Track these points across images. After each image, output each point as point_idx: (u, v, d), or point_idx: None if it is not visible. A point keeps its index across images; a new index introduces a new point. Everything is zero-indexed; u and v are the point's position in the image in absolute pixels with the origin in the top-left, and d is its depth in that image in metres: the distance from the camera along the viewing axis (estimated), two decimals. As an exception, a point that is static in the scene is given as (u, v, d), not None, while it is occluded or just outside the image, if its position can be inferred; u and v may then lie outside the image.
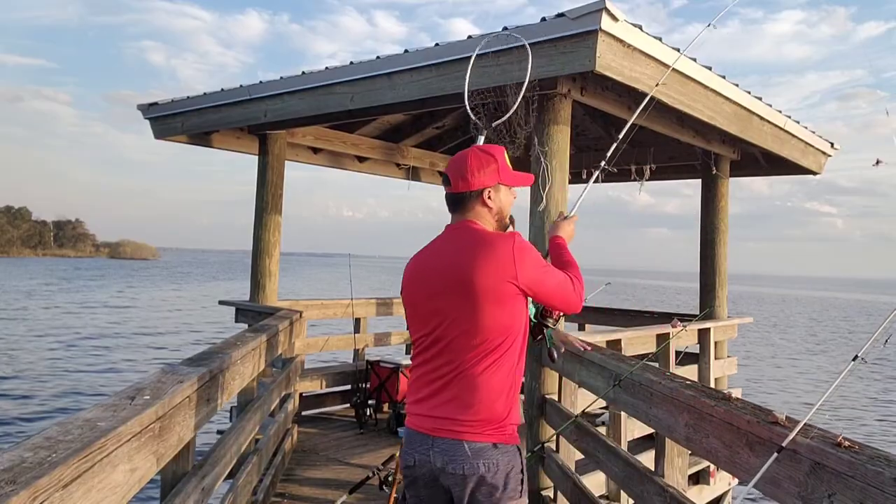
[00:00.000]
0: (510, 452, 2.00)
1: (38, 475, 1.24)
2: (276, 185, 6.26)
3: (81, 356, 17.51)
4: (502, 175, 2.12)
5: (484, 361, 1.97)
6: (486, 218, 2.12)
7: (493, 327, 1.96)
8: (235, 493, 3.35)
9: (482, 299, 1.95)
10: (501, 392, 1.98)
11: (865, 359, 1.78)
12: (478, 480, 1.95)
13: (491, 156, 2.13)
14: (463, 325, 1.97)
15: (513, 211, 2.25)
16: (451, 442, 1.96)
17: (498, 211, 2.13)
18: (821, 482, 1.63)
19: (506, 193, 2.15)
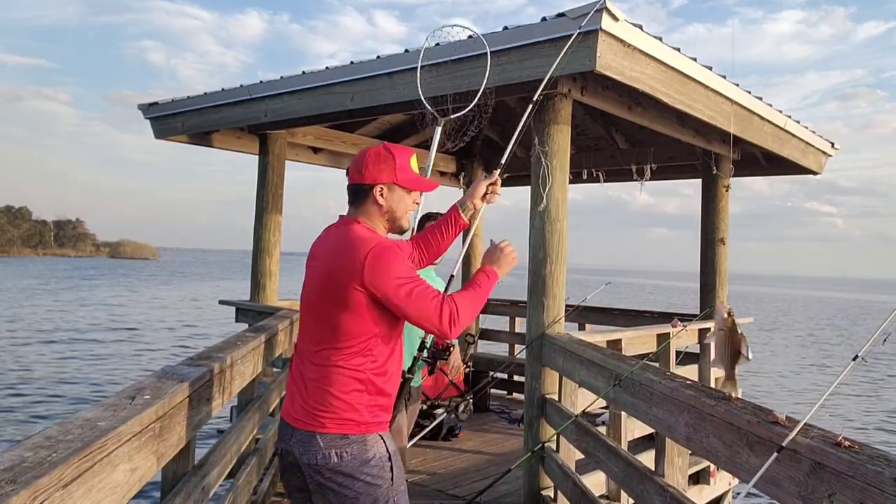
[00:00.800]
0: (367, 442, 2.03)
1: (39, 475, 1.24)
2: (277, 185, 6.26)
3: (81, 356, 17.51)
4: (399, 175, 2.11)
5: (334, 357, 2.03)
6: (376, 217, 2.14)
7: (341, 329, 2.03)
8: (236, 492, 3.35)
9: (332, 300, 2.02)
10: (350, 384, 2.02)
11: (865, 359, 1.79)
12: (330, 470, 2.01)
13: (390, 154, 2.12)
14: (319, 321, 2.06)
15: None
16: (305, 433, 2.04)
17: (389, 211, 2.12)
18: (821, 482, 1.63)
19: (401, 195, 2.13)
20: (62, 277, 55.53)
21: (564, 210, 4.19)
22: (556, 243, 4.15)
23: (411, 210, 2.20)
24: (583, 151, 7.60)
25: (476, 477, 4.95)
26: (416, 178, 2.17)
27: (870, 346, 1.75)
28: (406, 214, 2.18)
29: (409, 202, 2.17)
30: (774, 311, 50.25)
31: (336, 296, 2.02)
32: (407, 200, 2.15)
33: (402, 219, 2.17)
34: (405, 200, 2.15)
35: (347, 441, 2.02)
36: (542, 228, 4.14)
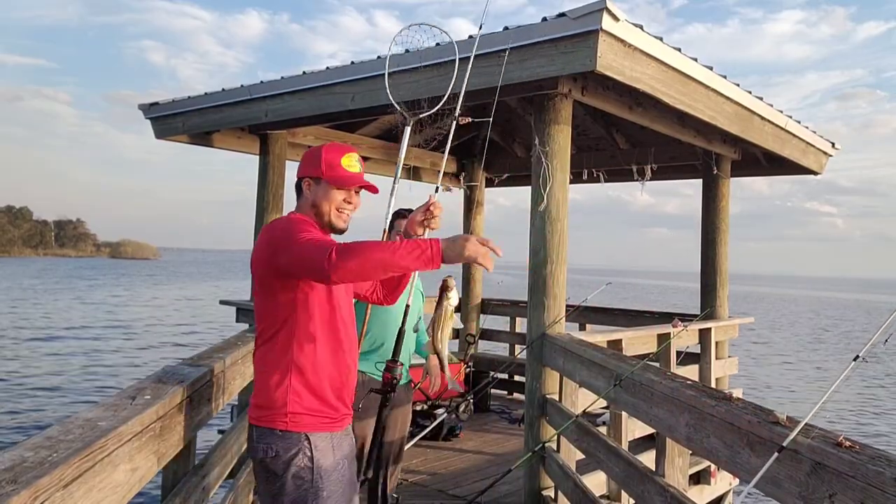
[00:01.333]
0: (291, 440, 2.00)
1: (40, 475, 1.24)
2: (277, 185, 6.26)
3: (80, 356, 17.52)
4: (325, 170, 2.10)
5: (262, 347, 2.07)
6: (305, 210, 2.15)
7: (263, 314, 2.08)
8: (236, 493, 3.35)
9: (256, 285, 2.11)
10: (275, 379, 2.02)
11: (866, 359, 1.79)
12: (260, 464, 2.02)
13: (320, 150, 2.15)
14: (255, 311, 2.14)
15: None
16: (250, 426, 2.08)
17: (314, 205, 2.12)
18: (822, 482, 1.63)
19: (326, 190, 2.10)
20: (62, 278, 55.56)
21: (565, 210, 4.19)
22: (556, 243, 4.15)
23: (343, 209, 2.14)
24: (583, 151, 7.60)
25: (477, 477, 4.95)
26: (341, 175, 2.11)
27: (870, 347, 1.75)
28: (335, 211, 2.12)
29: (338, 199, 2.12)
30: (775, 310, 50.23)
31: (256, 281, 2.09)
32: (335, 197, 2.11)
33: (328, 214, 2.11)
34: (332, 196, 2.10)
35: (273, 436, 1.99)
36: (542, 228, 4.14)
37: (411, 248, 1.77)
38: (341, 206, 2.13)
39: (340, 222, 2.14)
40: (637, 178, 7.02)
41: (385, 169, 8.20)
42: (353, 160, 2.15)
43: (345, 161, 2.13)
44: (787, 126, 5.69)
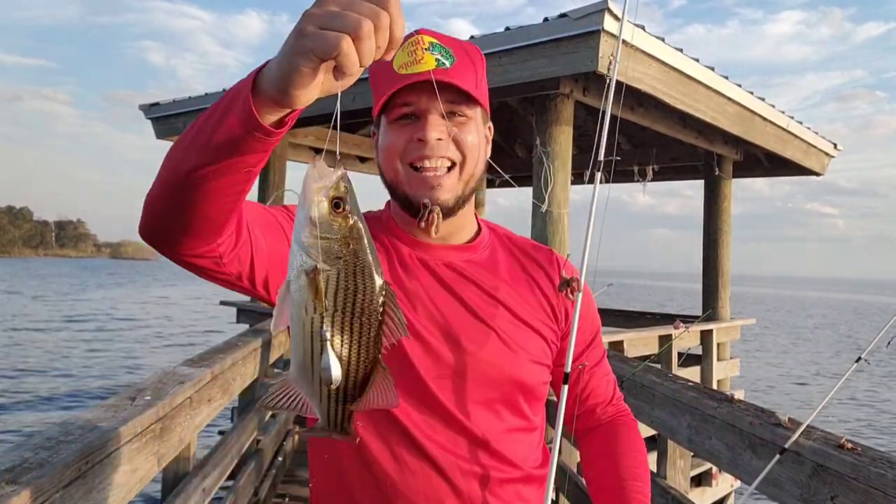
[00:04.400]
0: None
1: (40, 475, 1.24)
2: (278, 186, 6.27)
3: (79, 355, 17.53)
4: (375, 94, 1.11)
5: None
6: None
7: None
8: (236, 494, 3.35)
9: None
10: None
11: (868, 360, 1.78)
12: None
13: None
14: None
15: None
16: None
17: (379, 164, 1.10)
18: (823, 484, 1.62)
19: (385, 131, 1.07)
20: (62, 278, 55.61)
21: (566, 211, 4.19)
22: (557, 244, 4.14)
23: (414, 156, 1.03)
24: (584, 152, 7.60)
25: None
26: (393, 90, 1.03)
27: (873, 348, 1.75)
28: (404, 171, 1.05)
29: (400, 143, 1.05)
30: (776, 311, 50.21)
31: None
32: (394, 142, 1.06)
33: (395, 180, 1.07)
34: (390, 143, 1.06)
35: None
36: (543, 229, 4.14)
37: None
38: (407, 154, 1.03)
39: (421, 187, 1.03)
40: (638, 178, 7.03)
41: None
42: (411, 51, 1.02)
43: (398, 58, 1.02)
44: (788, 127, 5.69)
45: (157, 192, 0.81)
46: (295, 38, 0.65)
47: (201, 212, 0.80)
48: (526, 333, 1.07)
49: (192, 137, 0.77)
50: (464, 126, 1.03)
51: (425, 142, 0.99)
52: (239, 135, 0.72)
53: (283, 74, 0.67)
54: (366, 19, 0.63)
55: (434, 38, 1.02)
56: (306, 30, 0.64)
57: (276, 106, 0.72)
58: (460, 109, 1.02)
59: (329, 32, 0.63)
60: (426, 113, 1.00)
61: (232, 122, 0.72)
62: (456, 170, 1.03)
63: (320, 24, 0.63)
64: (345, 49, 0.62)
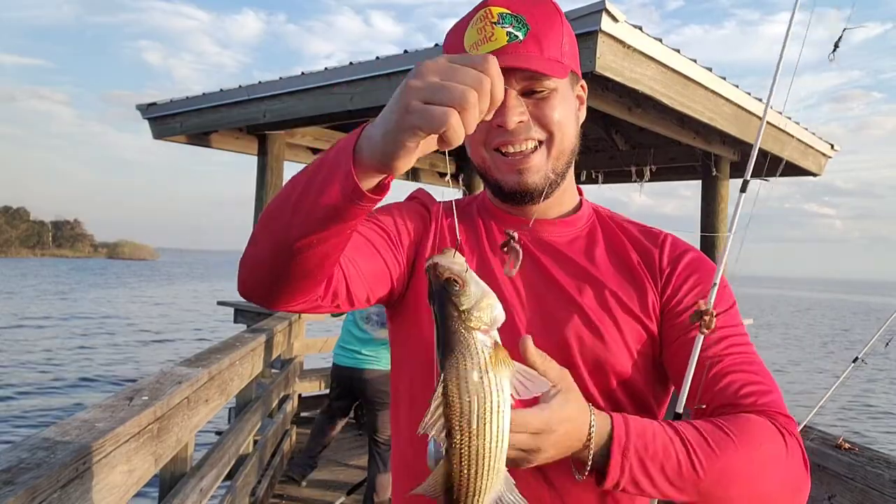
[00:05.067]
0: None
1: (37, 476, 1.23)
2: (276, 186, 6.26)
3: (78, 355, 17.49)
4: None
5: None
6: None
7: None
8: (234, 494, 3.34)
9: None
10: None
11: (865, 360, 1.78)
12: None
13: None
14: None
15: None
16: None
17: (466, 149, 1.07)
18: (821, 484, 1.63)
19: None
20: (60, 277, 55.54)
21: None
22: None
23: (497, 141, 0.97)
24: (582, 153, 7.59)
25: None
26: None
27: (870, 348, 1.75)
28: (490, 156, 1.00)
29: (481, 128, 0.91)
30: (773, 312, 50.29)
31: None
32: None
33: (482, 166, 1.03)
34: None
35: None
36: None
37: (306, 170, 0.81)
38: (490, 140, 0.98)
39: (508, 171, 0.99)
40: (636, 179, 7.03)
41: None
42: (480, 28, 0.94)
43: (469, 37, 0.95)
44: (786, 127, 5.70)
45: (259, 256, 0.85)
46: (400, 114, 0.65)
47: (305, 273, 0.83)
48: (616, 317, 0.97)
49: (293, 206, 0.78)
50: (546, 102, 0.95)
51: (505, 128, 0.93)
52: (342, 205, 0.74)
53: (388, 150, 0.68)
54: (470, 90, 0.62)
55: (504, 8, 0.93)
56: (411, 105, 0.63)
57: (377, 174, 0.73)
58: (540, 85, 0.93)
59: (435, 108, 0.62)
60: (504, 94, 0.92)
61: (334, 193, 0.73)
62: (543, 148, 0.97)
63: (424, 99, 0.63)
64: (453, 124, 0.62)
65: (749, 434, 0.85)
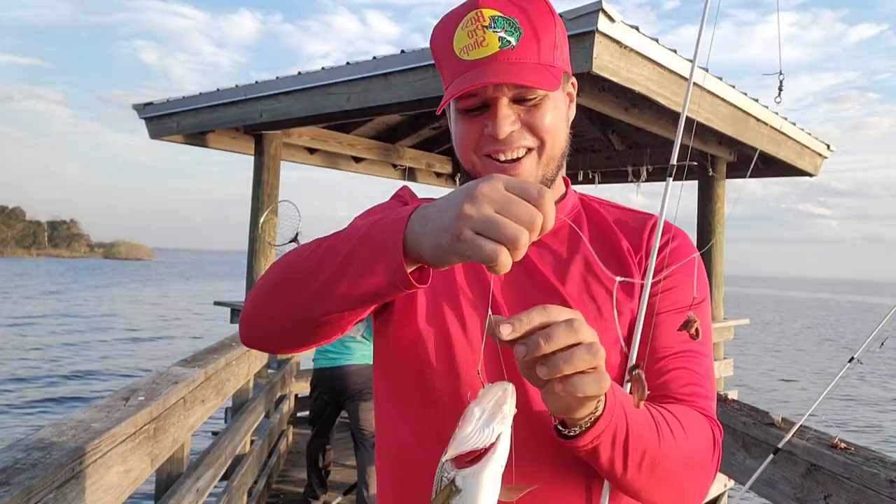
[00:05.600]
0: None
1: (32, 476, 1.23)
2: (272, 186, 6.25)
3: (77, 355, 17.45)
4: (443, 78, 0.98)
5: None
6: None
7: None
8: (230, 494, 3.34)
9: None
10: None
11: (861, 360, 1.79)
12: None
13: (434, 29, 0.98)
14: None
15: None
16: None
17: (456, 150, 1.02)
18: (817, 484, 1.63)
19: (455, 120, 0.97)
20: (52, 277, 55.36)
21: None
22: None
23: (488, 149, 0.94)
24: (579, 153, 7.61)
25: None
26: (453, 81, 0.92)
27: (865, 348, 1.75)
28: (480, 162, 0.96)
29: (470, 136, 0.94)
30: (770, 312, 50.39)
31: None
32: (463, 132, 0.95)
33: (474, 171, 0.97)
34: (460, 132, 0.96)
35: None
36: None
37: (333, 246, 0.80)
38: (481, 146, 0.94)
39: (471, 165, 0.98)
40: (632, 179, 7.04)
41: (381, 170, 8.19)
42: (470, 31, 0.90)
43: (459, 40, 0.91)
44: (782, 128, 5.71)
45: (275, 323, 0.86)
46: (451, 240, 0.65)
47: (326, 334, 0.85)
48: (600, 305, 0.95)
49: (324, 285, 0.77)
50: (537, 109, 0.92)
51: (496, 137, 0.91)
52: (385, 291, 0.74)
53: (436, 260, 0.69)
54: (523, 231, 0.62)
55: (495, 10, 0.88)
56: (464, 234, 0.63)
57: (420, 265, 0.73)
58: (531, 92, 0.90)
59: (487, 244, 0.62)
60: (495, 101, 0.90)
61: (378, 280, 0.73)
62: (534, 154, 0.94)
63: (477, 230, 0.63)
64: (502, 261, 0.62)
65: (699, 433, 0.87)
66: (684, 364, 0.93)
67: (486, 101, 0.90)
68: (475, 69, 0.88)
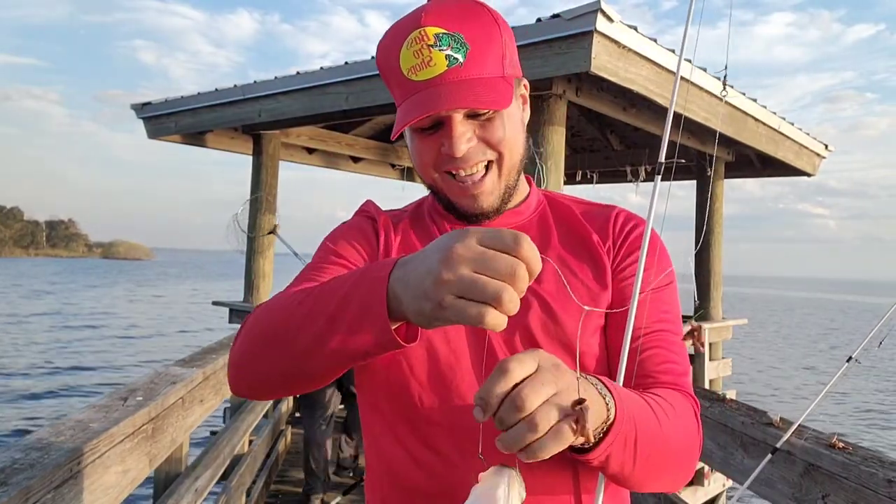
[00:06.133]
0: None
1: (30, 476, 1.23)
2: (271, 185, 6.25)
3: (76, 355, 17.43)
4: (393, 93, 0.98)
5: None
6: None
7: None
8: (228, 494, 3.34)
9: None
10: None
11: (859, 360, 1.79)
12: None
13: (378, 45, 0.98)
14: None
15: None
16: None
17: (414, 167, 1.04)
18: (815, 483, 1.63)
19: (411, 138, 0.98)
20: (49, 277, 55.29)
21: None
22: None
23: (447, 167, 0.95)
24: (577, 153, 7.61)
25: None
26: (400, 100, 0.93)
27: (864, 348, 1.76)
28: (439, 178, 0.97)
29: (427, 153, 0.96)
30: (768, 312, 50.43)
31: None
32: (419, 149, 0.97)
33: (434, 186, 1.00)
34: (416, 149, 0.98)
35: None
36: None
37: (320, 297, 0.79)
38: (439, 164, 0.96)
39: (461, 196, 0.97)
40: (631, 179, 7.05)
41: (380, 169, 8.19)
42: (416, 50, 0.89)
43: (405, 60, 0.90)
44: (780, 128, 5.72)
45: (264, 374, 0.85)
46: (433, 307, 0.63)
47: (317, 384, 0.84)
48: (572, 299, 0.95)
49: (313, 340, 0.77)
50: (492, 123, 0.92)
51: (453, 156, 0.91)
52: (374, 350, 0.73)
53: (422, 324, 0.67)
54: (504, 286, 0.60)
55: (440, 28, 0.87)
56: (444, 301, 0.62)
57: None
58: (484, 107, 0.89)
59: (470, 307, 0.60)
60: (449, 121, 0.90)
61: (365, 341, 0.72)
62: (494, 168, 0.95)
63: (458, 294, 0.61)
64: (490, 322, 0.60)
65: (686, 415, 0.89)
66: (658, 343, 0.96)
67: (440, 119, 0.90)
68: (425, 90, 0.87)
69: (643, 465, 0.80)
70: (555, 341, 0.93)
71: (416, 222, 1.07)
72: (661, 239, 1.02)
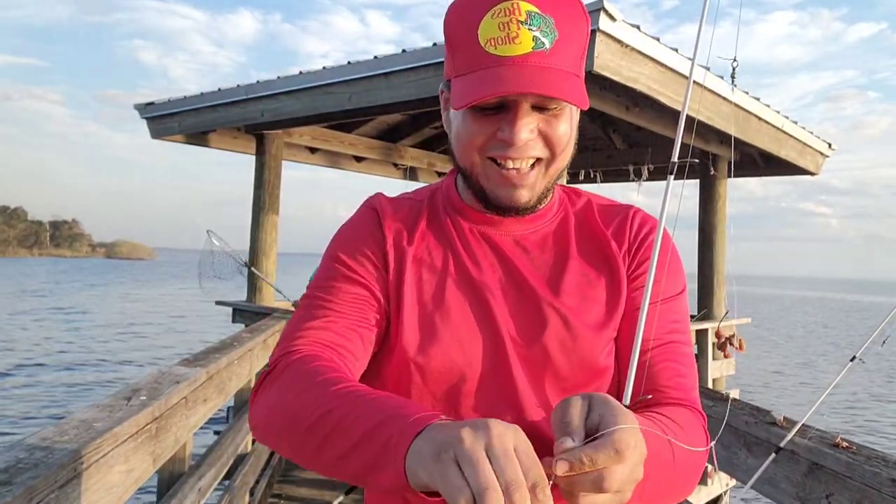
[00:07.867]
0: None
1: (35, 476, 1.23)
2: (273, 185, 6.26)
3: (75, 355, 17.46)
4: (448, 65, 0.90)
5: None
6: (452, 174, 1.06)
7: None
8: (232, 493, 3.34)
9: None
10: None
11: (863, 359, 1.79)
12: None
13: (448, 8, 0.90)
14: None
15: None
16: None
17: (451, 146, 0.94)
18: (818, 483, 1.63)
19: (463, 116, 0.87)
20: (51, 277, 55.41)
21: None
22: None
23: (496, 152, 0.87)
24: (580, 152, 7.58)
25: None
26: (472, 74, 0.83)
27: (867, 347, 1.75)
28: (483, 167, 0.89)
29: (479, 137, 0.86)
30: (771, 311, 50.34)
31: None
32: (472, 131, 0.86)
33: (473, 175, 0.91)
34: (468, 131, 0.87)
35: None
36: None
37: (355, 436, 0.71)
38: (488, 148, 0.87)
39: (502, 184, 0.89)
40: (634, 178, 7.04)
41: (383, 169, 8.19)
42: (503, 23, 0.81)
43: (486, 29, 0.81)
44: (783, 127, 5.71)
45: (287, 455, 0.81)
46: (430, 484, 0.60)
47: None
48: (594, 310, 0.93)
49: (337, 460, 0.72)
50: (557, 119, 0.86)
51: (511, 143, 0.84)
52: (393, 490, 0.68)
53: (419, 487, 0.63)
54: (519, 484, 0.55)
55: (533, 7, 0.80)
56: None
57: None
58: (555, 101, 0.83)
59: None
60: (516, 106, 0.82)
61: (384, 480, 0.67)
62: (542, 165, 0.89)
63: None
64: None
65: (697, 435, 0.87)
66: (668, 356, 0.93)
67: (505, 102, 0.83)
68: (502, 66, 0.80)
69: (651, 494, 0.78)
70: (573, 358, 0.91)
71: (432, 222, 1.00)
72: (674, 244, 0.98)
